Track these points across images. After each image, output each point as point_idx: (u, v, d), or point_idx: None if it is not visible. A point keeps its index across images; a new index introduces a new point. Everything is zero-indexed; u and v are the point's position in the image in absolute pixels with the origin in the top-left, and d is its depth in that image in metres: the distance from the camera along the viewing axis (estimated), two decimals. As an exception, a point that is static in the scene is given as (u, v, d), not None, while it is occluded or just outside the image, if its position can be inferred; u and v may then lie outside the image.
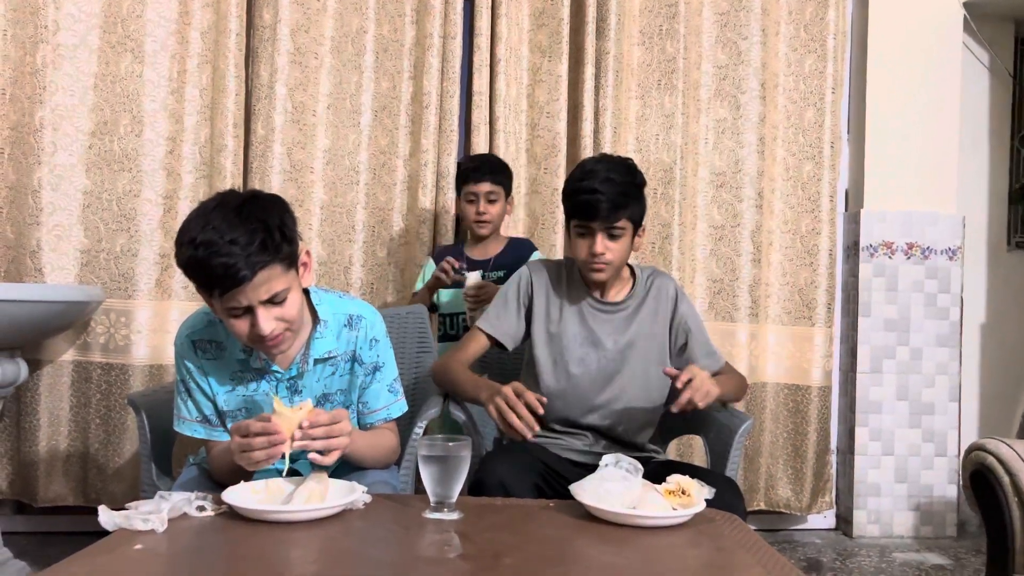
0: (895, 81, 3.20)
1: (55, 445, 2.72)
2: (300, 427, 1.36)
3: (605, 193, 1.80)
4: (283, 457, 1.36)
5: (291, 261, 1.45)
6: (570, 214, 1.89)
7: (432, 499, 1.36)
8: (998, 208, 3.54)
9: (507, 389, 1.69)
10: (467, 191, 2.51)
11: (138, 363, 2.73)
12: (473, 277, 2.36)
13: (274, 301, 1.42)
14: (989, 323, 3.51)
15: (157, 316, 2.75)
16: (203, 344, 1.57)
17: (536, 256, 2.54)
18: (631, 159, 1.93)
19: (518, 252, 2.55)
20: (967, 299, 3.35)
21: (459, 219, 2.82)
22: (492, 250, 2.57)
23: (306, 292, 1.57)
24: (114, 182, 2.75)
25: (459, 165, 2.62)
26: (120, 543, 1.16)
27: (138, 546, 1.15)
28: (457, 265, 2.40)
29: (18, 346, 2.35)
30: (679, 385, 1.71)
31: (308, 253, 1.53)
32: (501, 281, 2.38)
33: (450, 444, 1.35)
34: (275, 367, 1.56)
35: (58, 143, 2.70)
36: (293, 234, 1.45)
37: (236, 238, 1.35)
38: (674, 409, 1.73)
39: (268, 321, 1.41)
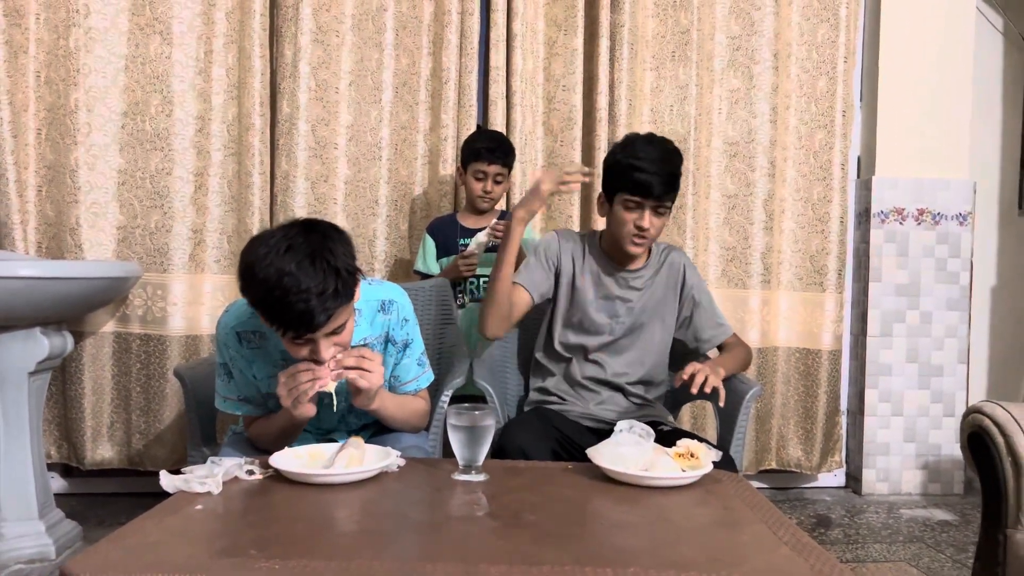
0: (908, 47, 3.23)
1: (99, 412, 2.87)
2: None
3: (661, 175, 1.97)
4: (328, 390, 1.51)
5: (353, 294, 1.52)
6: (620, 188, 2.01)
7: (460, 462, 1.48)
8: (1010, 173, 3.57)
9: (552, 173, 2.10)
10: (477, 168, 2.59)
11: (175, 334, 2.86)
12: (482, 235, 2.50)
13: (335, 332, 1.50)
14: (999, 286, 3.57)
15: (192, 289, 2.88)
16: (247, 335, 1.68)
17: (528, 230, 2.65)
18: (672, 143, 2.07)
19: None
20: (977, 263, 3.42)
21: (455, 187, 2.96)
22: (484, 221, 2.66)
23: None
24: (147, 161, 2.85)
25: (471, 141, 2.66)
26: (182, 504, 1.28)
27: (198, 506, 1.28)
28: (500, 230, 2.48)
29: (64, 320, 2.48)
30: (677, 384, 1.93)
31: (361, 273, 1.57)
32: (494, 249, 2.50)
33: (476, 413, 1.46)
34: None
35: (92, 124, 2.81)
36: (355, 269, 1.51)
37: (311, 287, 1.40)
38: (676, 384, 1.94)
39: (328, 350, 1.50)
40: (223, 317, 1.70)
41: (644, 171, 1.95)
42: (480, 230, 2.58)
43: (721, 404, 1.92)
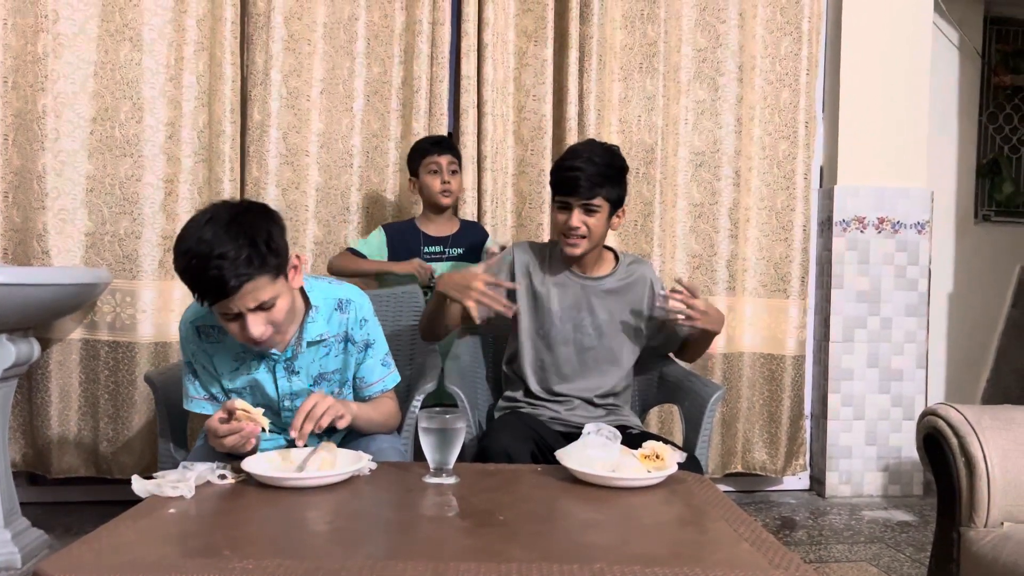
0: (868, 61, 3.32)
1: (66, 419, 2.85)
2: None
3: (585, 171, 1.98)
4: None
5: (279, 270, 1.54)
6: (553, 189, 2.06)
7: (432, 465, 1.51)
8: (966, 182, 3.69)
9: (476, 283, 1.93)
10: (429, 162, 2.61)
11: (144, 341, 2.85)
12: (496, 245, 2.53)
13: (263, 307, 1.52)
14: (956, 293, 3.67)
15: (161, 296, 2.87)
16: (206, 329, 1.69)
17: (489, 241, 2.72)
18: (616, 146, 2.09)
19: (474, 233, 2.73)
20: (935, 270, 3.52)
21: (400, 199, 3.00)
22: (447, 229, 2.69)
23: None
24: (116, 167, 2.84)
25: (414, 148, 2.69)
26: (155, 508, 1.29)
27: (171, 510, 1.29)
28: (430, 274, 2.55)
29: (31, 326, 2.46)
30: (666, 302, 2.00)
31: (298, 257, 1.62)
32: (461, 258, 2.63)
33: (447, 417, 1.49)
34: (273, 351, 1.69)
35: (61, 129, 2.79)
36: (280, 245, 1.54)
37: (224, 252, 1.44)
38: (657, 313, 2.03)
39: (257, 326, 1.52)
40: (184, 314, 1.73)
41: (568, 169, 2.00)
42: (444, 239, 2.65)
43: (687, 328, 2.02)
